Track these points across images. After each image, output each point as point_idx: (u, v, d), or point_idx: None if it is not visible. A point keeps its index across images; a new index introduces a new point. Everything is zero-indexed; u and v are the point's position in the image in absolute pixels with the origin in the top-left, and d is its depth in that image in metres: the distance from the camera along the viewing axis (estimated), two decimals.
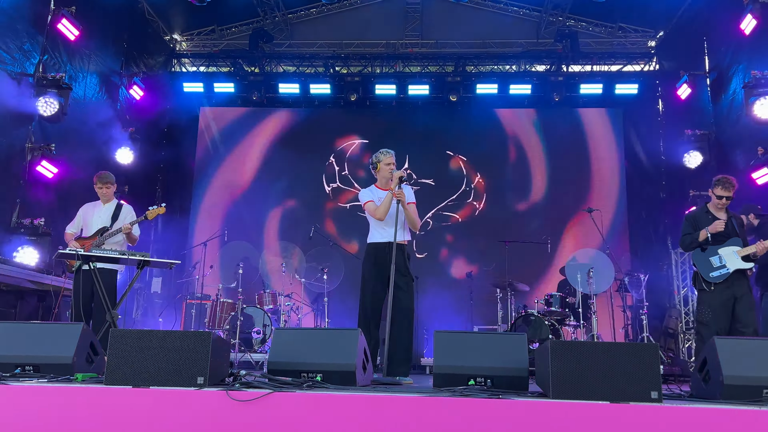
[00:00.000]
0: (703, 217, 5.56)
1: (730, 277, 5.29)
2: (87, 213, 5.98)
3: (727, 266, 5.31)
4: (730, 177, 5.46)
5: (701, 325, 5.40)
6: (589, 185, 10.78)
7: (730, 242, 5.39)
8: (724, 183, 5.42)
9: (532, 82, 10.94)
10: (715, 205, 5.52)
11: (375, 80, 11.17)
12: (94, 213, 5.94)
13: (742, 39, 7.95)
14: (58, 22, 7.98)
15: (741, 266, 5.29)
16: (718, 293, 5.31)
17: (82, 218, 5.98)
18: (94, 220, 5.88)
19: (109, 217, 5.88)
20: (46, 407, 3.04)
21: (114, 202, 6.05)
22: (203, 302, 8.42)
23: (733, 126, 8.48)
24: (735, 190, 5.42)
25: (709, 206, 5.60)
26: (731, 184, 5.40)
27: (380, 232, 5.05)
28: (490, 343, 3.63)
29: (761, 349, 3.28)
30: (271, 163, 11.34)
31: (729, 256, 5.33)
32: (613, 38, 11.49)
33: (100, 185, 5.95)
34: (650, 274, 8.84)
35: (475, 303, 9.17)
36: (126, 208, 6.04)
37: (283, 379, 3.32)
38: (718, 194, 5.44)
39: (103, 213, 5.94)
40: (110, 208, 5.97)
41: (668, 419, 2.80)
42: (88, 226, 5.91)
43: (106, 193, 5.97)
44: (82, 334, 3.70)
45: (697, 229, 5.52)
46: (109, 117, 9.70)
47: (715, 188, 5.46)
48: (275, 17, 11.63)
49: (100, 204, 6.02)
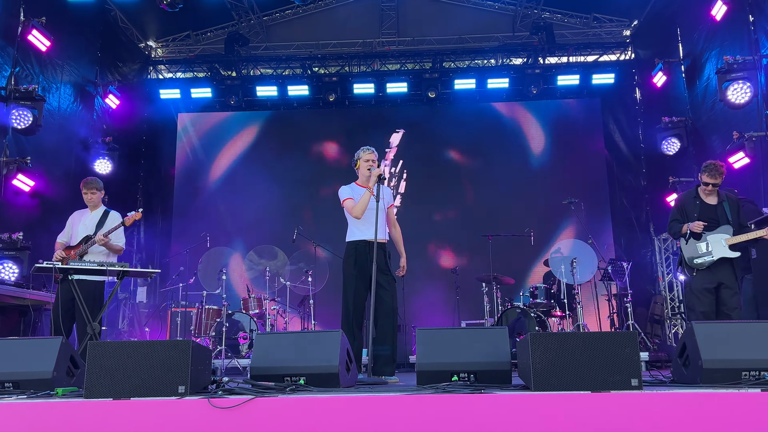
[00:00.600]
0: (691, 203, 5.47)
1: (713, 264, 5.24)
2: (74, 221, 5.81)
3: (712, 254, 5.24)
4: (718, 163, 5.34)
5: (688, 310, 5.41)
6: (571, 176, 10.83)
7: (721, 229, 5.30)
8: (711, 170, 5.30)
9: (510, 76, 10.98)
10: (704, 190, 5.42)
11: (353, 79, 11.17)
12: (81, 221, 5.77)
13: (714, 25, 8.04)
14: (29, 33, 7.87)
15: (726, 255, 5.22)
16: (700, 278, 5.27)
17: (70, 226, 5.80)
18: (80, 228, 5.70)
19: (94, 225, 5.69)
20: (26, 424, 3.00)
21: (101, 209, 5.84)
22: (188, 310, 8.36)
23: (708, 112, 8.57)
24: (723, 177, 5.31)
25: (699, 190, 5.49)
26: (718, 172, 5.28)
27: (360, 230, 5.02)
28: (472, 338, 3.65)
29: (739, 332, 3.31)
30: (251, 166, 11.29)
31: (716, 244, 5.25)
32: (588, 29, 11.56)
33: (85, 191, 5.78)
34: (634, 261, 8.91)
35: (462, 298, 9.18)
36: (113, 215, 5.82)
37: (266, 384, 3.30)
38: (704, 181, 5.34)
39: (88, 221, 5.75)
40: (97, 215, 5.78)
41: (649, 405, 2.82)
42: (75, 234, 5.73)
43: (92, 200, 5.77)
44: (61, 348, 3.66)
45: (685, 214, 5.46)
46: (86, 127, 9.62)
47: (702, 174, 5.35)
48: (250, 20, 11.57)
49: (87, 211, 5.83)
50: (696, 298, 5.25)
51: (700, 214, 5.36)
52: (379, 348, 4.80)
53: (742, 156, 7.42)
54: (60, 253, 5.53)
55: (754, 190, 7.09)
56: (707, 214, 5.36)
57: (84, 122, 9.59)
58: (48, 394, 3.38)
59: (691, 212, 5.40)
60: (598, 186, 10.82)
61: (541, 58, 11.23)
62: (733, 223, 5.29)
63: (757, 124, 7.31)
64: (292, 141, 11.37)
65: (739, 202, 5.50)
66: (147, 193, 11.24)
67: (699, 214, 5.37)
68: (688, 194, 5.59)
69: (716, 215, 5.34)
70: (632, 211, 10.68)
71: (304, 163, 11.24)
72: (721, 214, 5.33)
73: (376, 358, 4.79)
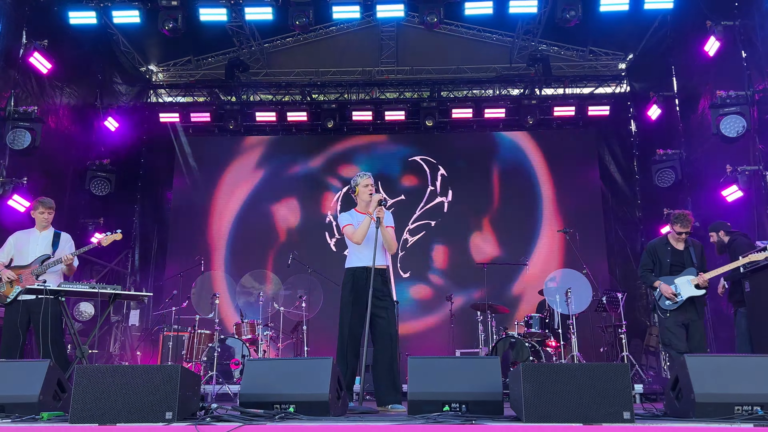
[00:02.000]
0: (662, 249, 6.04)
1: (682, 305, 5.76)
2: (20, 241, 5.63)
3: (681, 295, 5.76)
4: (686, 213, 5.95)
5: (666, 347, 5.94)
6: (566, 205, 10.88)
7: (686, 272, 5.85)
8: (682, 220, 5.87)
9: (507, 106, 11.09)
10: (675, 238, 5.99)
11: (351, 107, 11.26)
12: (30, 240, 5.62)
13: (707, 60, 8.16)
14: (30, 55, 7.97)
15: (693, 293, 5.75)
16: (672, 318, 5.79)
17: (13, 246, 5.62)
18: (31, 248, 5.56)
19: (49, 245, 5.58)
20: None
21: (51, 230, 5.73)
22: (180, 334, 8.29)
23: (702, 144, 8.66)
24: (692, 224, 5.92)
25: (669, 237, 6.07)
26: (688, 220, 5.87)
27: (358, 257, 5.02)
28: (464, 367, 3.63)
29: (731, 366, 3.29)
30: (248, 191, 11.32)
31: (683, 285, 5.78)
32: (584, 61, 11.72)
33: (42, 210, 5.64)
34: (628, 292, 8.90)
35: (456, 326, 9.14)
36: (64, 236, 5.75)
37: (255, 411, 3.27)
38: (677, 230, 5.91)
39: (40, 240, 5.62)
40: (48, 235, 5.66)
41: None
42: (23, 254, 5.56)
43: (47, 219, 5.67)
44: (48, 371, 3.62)
45: (656, 260, 6.03)
46: (84, 149, 9.66)
47: (674, 225, 5.93)
48: (251, 47, 11.71)
49: (35, 231, 5.68)
50: (672, 335, 5.75)
51: (672, 259, 5.96)
52: (379, 376, 4.75)
53: (735, 189, 7.48)
54: (9, 272, 5.38)
55: (746, 223, 7.13)
56: (676, 258, 5.96)
57: (82, 144, 9.64)
58: (33, 419, 3.34)
59: (664, 257, 5.99)
60: (593, 216, 10.86)
61: (537, 89, 11.36)
62: (697, 266, 5.88)
63: (750, 158, 7.38)
64: (290, 166, 11.41)
65: (702, 248, 6.09)
66: (143, 216, 11.23)
67: (671, 259, 5.96)
68: (660, 241, 6.20)
69: (683, 259, 5.94)
70: (627, 242, 10.69)
71: (302, 189, 11.27)
72: (686, 258, 5.93)
73: (378, 387, 4.75)
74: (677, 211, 6.03)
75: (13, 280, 5.30)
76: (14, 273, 5.40)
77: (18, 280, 5.30)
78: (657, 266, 6.04)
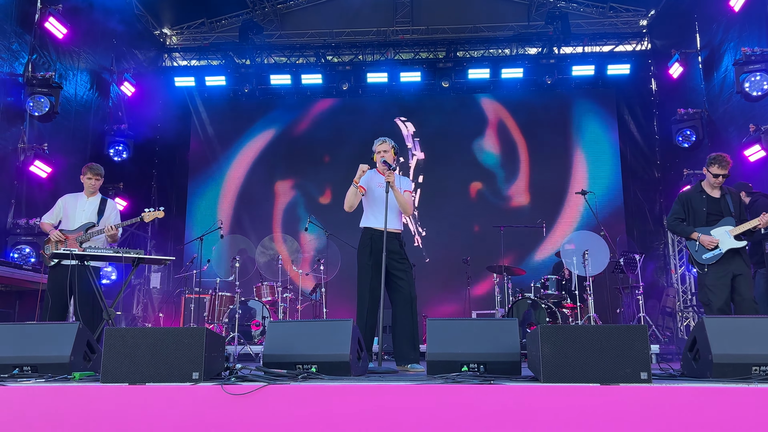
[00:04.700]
0: (697, 197, 5.46)
1: (723, 257, 5.22)
2: (69, 205, 5.61)
3: (719, 247, 5.24)
4: (725, 155, 5.36)
5: (704, 306, 5.37)
6: (585, 167, 10.79)
7: (723, 222, 5.31)
8: (721, 161, 5.30)
9: (524, 66, 10.90)
10: (710, 183, 5.40)
11: (366, 68, 11.14)
12: (77, 205, 5.59)
13: (732, 16, 7.93)
14: (46, 20, 7.96)
15: (733, 245, 5.21)
16: (713, 273, 5.24)
17: (62, 209, 5.61)
18: (78, 214, 5.55)
19: (95, 213, 5.58)
20: (44, 407, 3.07)
21: (99, 196, 5.72)
22: (202, 296, 8.45)
23: (725, 104, 8.48)
24: (730, 167, 5.33)
25: (703, 184, 5.49)
26: (727, 162, 5.30)
27: (375, 217, 5.05)
28: (482, 329, 3.66)
29: (749, 327, 3.30)
30: (265, 154, 11.34)
31: (722, 236, 5.24)
32: (604, 18, 11.44)
33: (90, 176, 5.61)
34: (646, 254, 8.87)
35: (473, 288, 9.20)
36: (110, 204, 5.74)
37: (278, 371, 3.35)
38: (714, 173, 5.32)
39: (87, 207, 5.60)
40: (95, 202, 5.65)
41: (657, 399, 2.83)
42: (71, 218, 5.56)
43: (95, 185, 5.64)
44: (78, 333, 3.73)
45: (690, 209, 5.46)
46: (102, 114, 9.71)
47: (711, 166, 5.34)
48: (265, 8, 11.57)
49: (83, 196, 5.64)
50: (711, 293, 5.20)
51: (708, 207, 5.37)
52: (399, 337, 4.84)
53: (758, 149, 7.35)
54: (58, 234, 5.41)
55: None
56: (714, 207, 5.37)
57: (100, 109, 9.69)
58: (65, 378, 3.45)
59: (699, 207, 5.40)
60: (612, 177, 10.76)
61: (556, 48, 11.12)
62: (735, 215, 5.31)
63: None
64: (306, 130, 11.39)
65: (740, 196, 5.53)
66: (161, 180, 11.33)
67: (707, 208, 5.37)
68: (693, 190, 5.58)
69: (720, 208, 5.36)
70: (646, 203, 10.62)
71: (319, 152, 11.26)
72: (724, 207, 5.35)
73: (397, 347, 4.83)
74: (714, 153, 5.42)
75: (61, 242, 5.38)
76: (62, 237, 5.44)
77: (63, 243, 5.39)
78: (690, 217, 5.45)
